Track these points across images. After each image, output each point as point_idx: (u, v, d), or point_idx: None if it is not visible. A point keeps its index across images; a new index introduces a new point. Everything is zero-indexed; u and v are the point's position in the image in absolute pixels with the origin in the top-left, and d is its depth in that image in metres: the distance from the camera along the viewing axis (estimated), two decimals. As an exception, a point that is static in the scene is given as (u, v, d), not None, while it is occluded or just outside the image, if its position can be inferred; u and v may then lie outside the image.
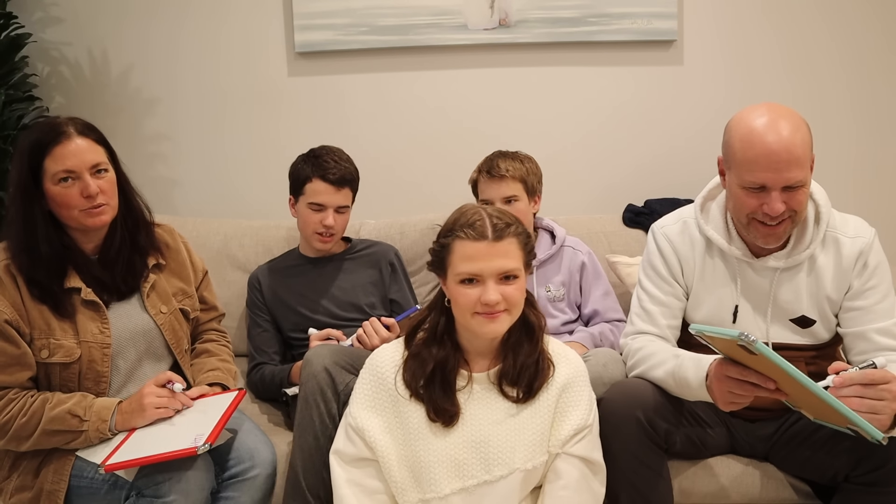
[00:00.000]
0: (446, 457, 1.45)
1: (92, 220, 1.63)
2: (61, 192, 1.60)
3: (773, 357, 1.23)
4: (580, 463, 1.46)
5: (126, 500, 1.54)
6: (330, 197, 2.05)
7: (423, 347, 1.52)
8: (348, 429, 1.52)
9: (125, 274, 1.71)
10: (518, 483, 1.44)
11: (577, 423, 1.46)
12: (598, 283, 2.14)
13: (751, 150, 1.51)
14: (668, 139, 2.69)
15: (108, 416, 1.57)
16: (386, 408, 1.50)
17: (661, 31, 2.59)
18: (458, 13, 2.57)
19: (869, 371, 1.33)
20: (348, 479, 1.49)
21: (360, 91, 2.66)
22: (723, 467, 1.73)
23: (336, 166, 2.05)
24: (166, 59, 2.65)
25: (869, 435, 1.26)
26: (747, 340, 1.21)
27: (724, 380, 1.41)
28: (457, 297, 1.45)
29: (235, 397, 1.67)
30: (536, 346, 1.50)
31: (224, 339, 1.95)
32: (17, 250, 1.61)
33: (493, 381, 1.50)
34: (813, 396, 1.28)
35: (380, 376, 1.52)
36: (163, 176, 2.71)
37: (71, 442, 1.57)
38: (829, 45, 2.65)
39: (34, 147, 1.59)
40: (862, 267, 1.63)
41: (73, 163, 1.59)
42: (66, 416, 1.56)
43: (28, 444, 1.57)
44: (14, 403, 1.57)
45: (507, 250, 1.43)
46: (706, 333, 1.33)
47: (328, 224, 2.05)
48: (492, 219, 1.44)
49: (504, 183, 2.05)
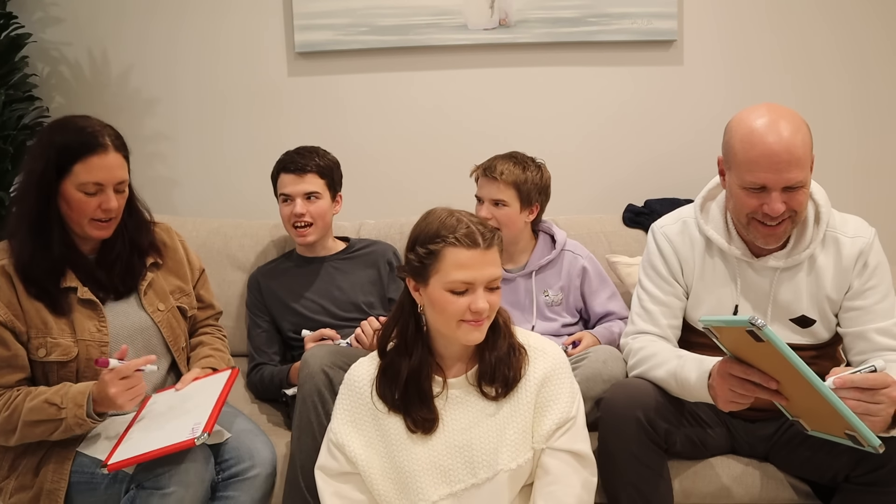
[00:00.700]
0: (431, 464, 1.45)
1: (98, 232, 1.66)
2: (81, 200, 1.61)
3: (778, 343, 1.23)
4: (567, 456, 1.46)
5: (126, 494, 1.54)
6: (294, 187, 2.07)
7: (394, 357, 1.50)
8: (330, 444, 1.52)
9: (124, 275, 1.72)
10: (505, 483, 1.44)
11: (559, 416, 1.46)
12: (604, 288, 2.13)
13: (751, 151, 1.51)
14: (668, 139, 2.69)
15: (82, 400, 1.56)
16: (366, 422, 1.50)
17: (661, 31, 2.59)
18: (458, 13, 2.57)
19: (870, 376, 1.33)
20: (333, 492, 1.49)
21: (359, 91, 2.66)
22: (723, 467, 1.73)
23: (298, 157, 2.09)
24: (166, 60, 2.65)
25: (866, 441, 1.25)
26: (757, 324, 1.21)
27: (727, 378, 1.41)
28: (443, 304, 1.42)
29: (228, 378, 1.67)
30: (506, 339, 1.50)
31: (220, 333, 1.96)
32: (22, 248, 1.60)
33: (472, 382, 1.49)
34: (813, 397, 1.27)
35: (357, 391, 1.52)
36: (163, 176, 2.71)
37: (54, 431, 1.57)
38: (830, 45, 2.65)
39: (68, 148, 1.59)
40: (862, 267, 1.63)
41: (105, 177, 1.61)
42: (43, 405, 1.56)
43: (15, 437, 1.57)
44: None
45: (494, 258, 1.43)
46: (715, 325, 1.33)
47: (297, 212, 2.06)
48: (476, 225, 1.43)
49: (495, 185, 2.03)
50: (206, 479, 1.54)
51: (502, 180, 2.02)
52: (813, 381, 1.24)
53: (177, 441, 1.49)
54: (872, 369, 1.34)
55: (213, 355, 1.83)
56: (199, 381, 1.70)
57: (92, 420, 1.57)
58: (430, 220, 1.46)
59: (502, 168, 2.03)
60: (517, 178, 2.02)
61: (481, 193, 2.08)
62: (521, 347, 1.51)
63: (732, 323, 1.28)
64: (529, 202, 2.06)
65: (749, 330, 1.24)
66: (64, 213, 1.63)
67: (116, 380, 1.55)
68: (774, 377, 1.34)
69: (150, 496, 1.49)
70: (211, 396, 1.62)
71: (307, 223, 2.08)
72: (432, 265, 1.42)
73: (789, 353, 1.23)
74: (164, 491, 1.48)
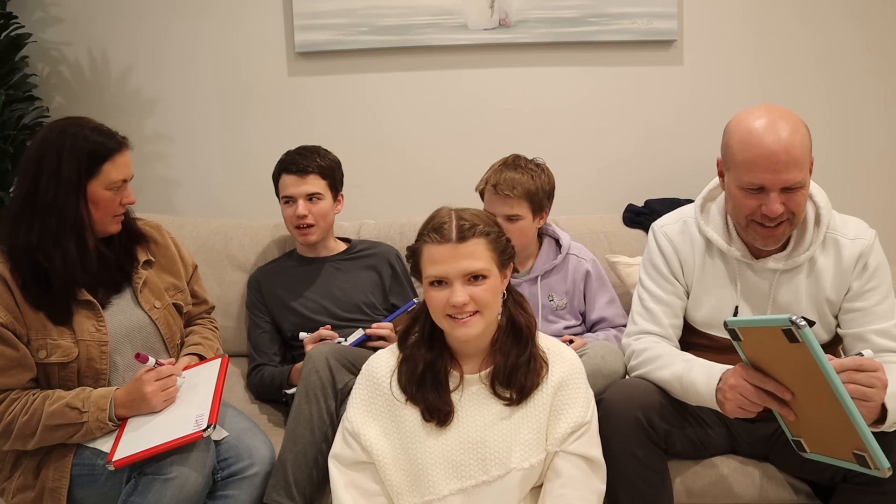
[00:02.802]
0: (443, 458, 1.46)
1: (115, 227, 1.73)
2: (110, 198, 1.67)
3: (814, 345, 1.20)
4: (579, 461, 1.46)
5: (128, 483, 1.55)
6: (296, 188, 2.07)
7: (414, 349, 1.53)
8: (345, 433, 1.53)
9: (121, 262, 1.75)
10: (516, 483, 1.44)
11: (574, 420, 1.46)
12: (603, 292, 2.11)
13: (749, 151, 1.51)
14: (668, 139, 2.69)
15: (105, 404, 1.58)
16: (382, 412, 1.51)
17: (661, 31, 2.59)
18: (458, 13, 2.57)
19: (859, 357, 1.33)
20: (346, 482, 1.50)
21: (359, 91, 2.66)
22: (723, 467, 1.73)
23: (300, 157, 2.09)
24: (166, 60, 2.65)
25: (876, 461, 1.23)
26: (798, 323, 1.18)
27: (741, 383, 1.40)
28: (429, 300, 1.46)
29: (220, 367, 1.69)
30: (527, 347, 1.50)
31: (211, 325, 1.98)
32: (66, 258, 1.60)
33: (484, 382, 1.50)
34: (827, 410, 1.25)
35: (375, 381, 1.53)
36: (163, 176, 2.72)
37: (73, 435, 1.58)
38: (830, 45, 2.65)
39: (98, 150, 1.64)
40: (862, 268, 1.63)
41: (126, 172, 1.70)
42: (65, 409, 1.57)
43: (33, 441, 1.58)
44: (16, 403, 1.58)
45: (472, 251, 1.43)
46: (745, 326, 1.31)
47: (300, 213, 2.06)
48: (459, 220, 1.44)
49: (508, 202, 1.96)
50: (208, 465, 1.55)
51: (515, 195, 1.95)
52: (837, 389, 1.22)
53: (183, 434, 1.51)
54: (859, 354, 1.35)
55: (202, 343, 1.85)
56: (190, 370, 1.72)
57: (113, 423, 1.59)
58: (426, 220, 1.50)
59: (513, 182, 1.95)
60: (529, 190, 1.96)
61: (492, 210, 1.97)
62: (543, 358, 1.50)
63: (769, 322, 1.25)
64: (541, 209, 2.03)
65: (786, 329, 1.21)
66: (92, 215, 1.66)
67: (153, 380, 1.59)
68: (791, 389, 1.33)
69: (153, 481, 1.50)
70: (208, 387, 1.63)
71: (310, 224, 2.08)
72: (418, 262, 1.48)
73: (821, 356, 1.21)
74: (167, 476, 1.49)
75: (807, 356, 1.23)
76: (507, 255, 1.49)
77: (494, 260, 1.46)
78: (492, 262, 1.45)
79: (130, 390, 1.60)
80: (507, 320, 1.51)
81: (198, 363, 1.76)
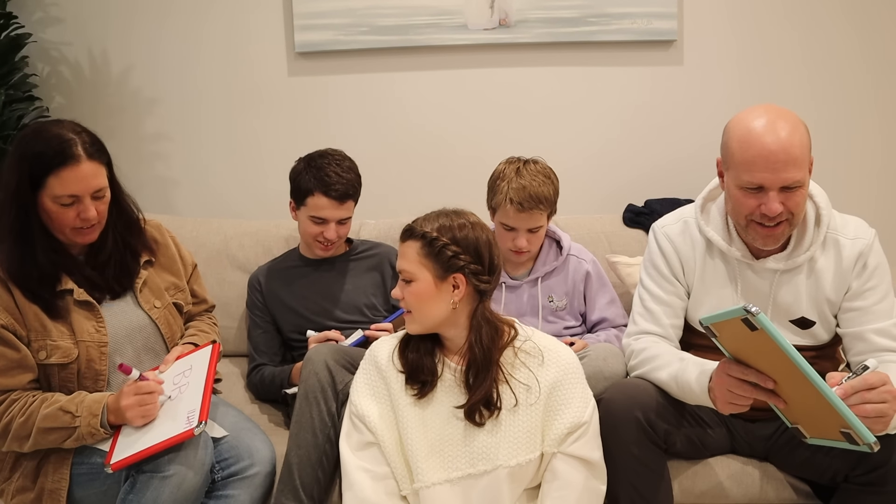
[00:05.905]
0: (432, 448, 1.49)
1: (81, 239, 1.65)
2: (58, 211, 1.59)
3: (771, 330, 1.22)
4: (578, 463, 1.47)
5: (126, 481, 1.55)
6: (332, 212, 2.01)
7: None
8: (352, 417, 1.56)
9: (119, 275, 1.72)
10: (504, 480, 1.45)
11: (571, 420, 1.47)
12: (603, 292, 2.11)
13: (749, 151, 1.51)
14: (668, 139, 2.69)
15: (98, 410, 1.57)
16: (382, 396, 1.55)
17: (661, 31, 2.59)
18: (458, 13, 2.57)
19: (866, 376, 1.33)
20: (358, 465, 1.52)
21: (359, 91, 2.66)
22: (723, 467, 1.73)
23: (339, 179, 2.00)
24: (166, 59, 2.65)
25: (861, 438, 1.25)
26: (752, 311, 1.21)
27: (724, 379, 1.41)
28: None
29: (211, 354, 1.69)
30: (489, 372, 1.49)
31: (210, 320, 1.98)
32: (10, 262, 1.60)
33: (458, 380, 1.53)
34: (808, 393, 1.27)
35: (377, 365, 1.57)
36: (163, 176, 2.72)
37: (66, 439, 1.57)
38: (830, 44, 2.65)
39: (39, 160, 1.56)
40: (861, 268, 1.63)
41: (79, 188, 1.58)
42: (58, 412, 1.56)
43: (29, 443, 1.57)
44: (15, 405, 1.58)
45: (403, 252, 1.51)
46: (713, 322, 1.33)
47: (329, 237, 2.03)
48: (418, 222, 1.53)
49: (533, 217, 1.95)
50: (206, 463, 1.55)
51: (539, 210, 1.95)
52: (806, 371, 1.24)
53: (176, 433, 1.51)
54: (865, 367, 1.35)
55: (198, 334, 1.85)
56: (183, 358, 1.71)
57: (105, 430, 1.57)
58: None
59: (537, 197, 1.93)
60: (549, 199, 1.97)
61: (515, 224, 1.96)
62: (509, 380, 1.51)
63: (729, 315, 1.28)
64: (553, 212, 2.05)
65: (744, 319, 1.24)
66: (46, 224, 1.62)
67: (132, 394, 1.57)
68: (772, 376, 1.34)
69: (150, 480, 1.50)
70: (199, 379, 1.63)
71: (333, 243, 2.07)
72: None
73: (782, 341, 1.23)
74: (164, 474, 1.49)
75: (769, 342, 1.24)
76: (443, 259, 1.49)
77: (421, 262, 1.49)
78: (417, 265, 1.49)
79: (114, 400, 1.58)
80: (474, 333, 1.52)
81: (191, 350, 1.75)
